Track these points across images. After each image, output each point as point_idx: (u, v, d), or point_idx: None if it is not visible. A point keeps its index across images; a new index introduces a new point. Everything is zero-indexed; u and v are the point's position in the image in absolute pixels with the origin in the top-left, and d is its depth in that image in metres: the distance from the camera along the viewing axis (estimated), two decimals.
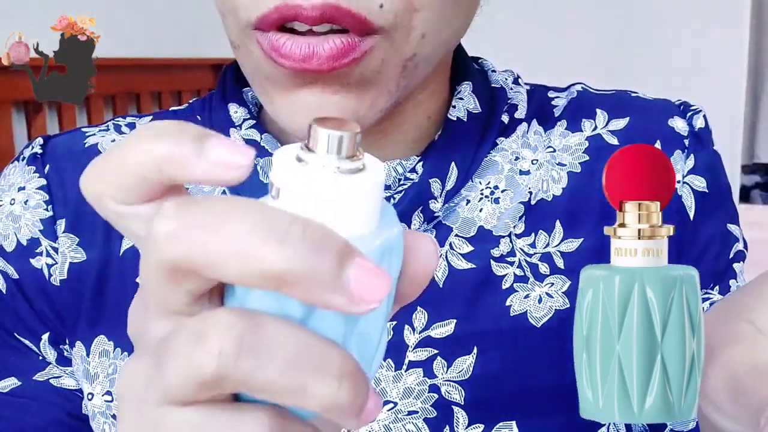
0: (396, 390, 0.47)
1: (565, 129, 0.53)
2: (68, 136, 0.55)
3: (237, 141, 0.49)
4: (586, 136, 0.52)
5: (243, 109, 0.51)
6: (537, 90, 0.55)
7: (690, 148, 0.51)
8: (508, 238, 0.49)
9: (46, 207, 0.51)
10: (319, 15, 0.40)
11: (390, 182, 0.49)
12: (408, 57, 0.43)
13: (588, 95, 0.55)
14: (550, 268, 0.49)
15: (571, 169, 0.51)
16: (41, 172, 0.52)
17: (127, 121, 0.55)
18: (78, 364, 0.50)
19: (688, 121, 0.52)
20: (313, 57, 0.41)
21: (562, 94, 0.55)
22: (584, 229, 0.50)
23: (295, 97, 0.43)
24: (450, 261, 0.49)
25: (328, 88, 0.42)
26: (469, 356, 0.47)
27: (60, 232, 0.51)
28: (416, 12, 0.42)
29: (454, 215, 0.50)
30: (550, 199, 0.50)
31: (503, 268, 0.49)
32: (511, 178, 0.51)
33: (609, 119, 0.52)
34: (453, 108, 0.50)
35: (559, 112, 0.54)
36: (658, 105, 0.54)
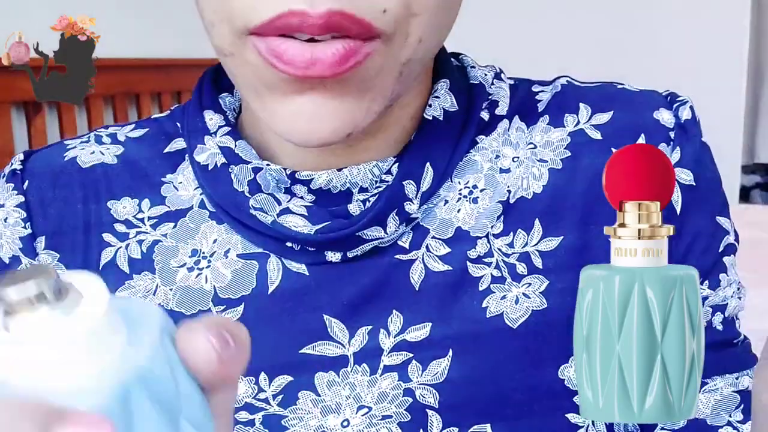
0: (371, 395, 0.47)
1: (547, 124, 0.52)
2: (49, 150, 0.54)
3: (212, 149, 0.49)
4: (568, 132, 0.51)
5: (219, 116, 0.50)
6: (521, 85, 0.54)
7: (676, 140, 0.50)
8: (486, 238, 0.49)
9: (24, 225, 0.51)
10: (324, 23, 0.39)
11: (367, 185, 0.48)
12: (404, 62, 0.43)
13: (572, 89, 0.54)
14: (528, 268, 0.48)
15: (552, 165, 0.50)
16: (20, 189, 0.52)
17: (108, 131, 0.55)
18: None
19: (674, 113, 0.51)
20: (317, 63, 0.40)
21: (547, 87, 0.54)
22: (564, 228, 0.49)
23: (293, 103, 0.42)
24: (426, 263, 0.48)
25: (328, 93, 0.42)
26: (444, 359, 0.47)
27: (40, 249, 0.51)
28: (414, 17, 0.42)
29: (432, 216, 0.49)
30: (530, 197, 0.50)
31: (480, 270, 0.48)
32: (491, 177, 0.50)
33: (592, 113, 0.52)
34: (429, 107, 0.50)
35: (542, 107, 0.53)
36: (644, 97, 0.53)
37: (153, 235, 0.50)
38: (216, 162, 0.49)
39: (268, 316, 0.48)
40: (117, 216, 0.51)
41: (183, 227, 0.50)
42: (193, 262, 0.49)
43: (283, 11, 0.39)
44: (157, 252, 0.50)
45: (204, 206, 0.50)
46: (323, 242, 0.47)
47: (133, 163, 0.52)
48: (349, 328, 0.48)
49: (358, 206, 0.48)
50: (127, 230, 0.50)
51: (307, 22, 0.39)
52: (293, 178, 0.48)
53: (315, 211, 0.47)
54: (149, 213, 0.51)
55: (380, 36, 0.41)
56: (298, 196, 0.48)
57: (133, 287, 0.49)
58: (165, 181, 0.52)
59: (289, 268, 0.48)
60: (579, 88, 0.54)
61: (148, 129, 0.54)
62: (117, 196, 0.51)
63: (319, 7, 0.39)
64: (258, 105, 0.44)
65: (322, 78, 0.41)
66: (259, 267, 0.49)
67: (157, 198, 0.51)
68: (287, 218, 0.47)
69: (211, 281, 0.49)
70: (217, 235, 0.50)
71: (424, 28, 0.42)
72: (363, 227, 0.47)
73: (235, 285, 0.49)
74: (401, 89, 0.45)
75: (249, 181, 0.48)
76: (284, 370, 0.47)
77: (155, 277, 0.49)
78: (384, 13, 0.40)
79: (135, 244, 0.50)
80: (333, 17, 0.39)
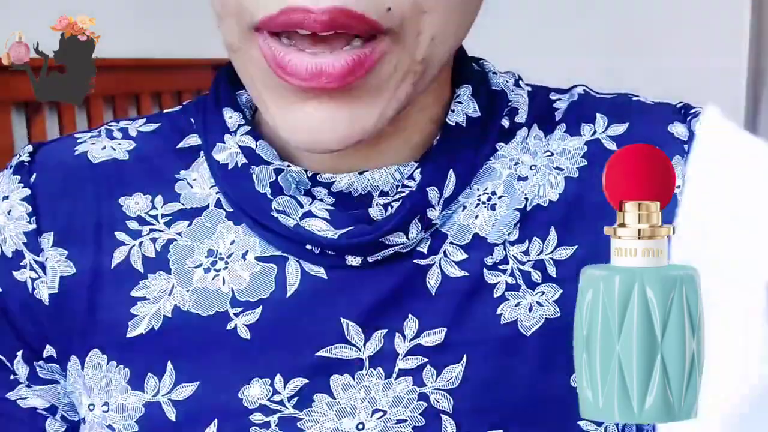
0: (386, 398, 0.47)
1: (564, 132, 0.52)
2: (59, 144, 0.53)
3: (232, 148, 0.49)
4: (585, 141, 0.51)
5: (238, 114, 0.50)
6: (538, 92, 0.54)
7: (689, 152, 0.50)
8: (502, 246, 0.49)
9: (30, 219, 0.50)
10: (327, 20, 0.39)
11: (388, 189, 0.48)
12: (418, 61, 0.42)
13: (589, 98, 0.54)
14: (542, 276, 0.48)
15: (569, 174, 0.50)
16: (26, 182, 0.51)
17: (120, 125, 0.54)
18: (74, 378, 0.50)
19: (687, 125, 0.51)
20: (322, 74, 0.40)
21: (564, 96, 0.54)
22: (579, 237, 0.49)
23: (297, 111, 0.42)
24: (443, 269, 0.48)
25: (334, 102, 0.41)
26: (458, 365, 0.47)
27: (48, 246, 0.50)
28: (424, 14, 0.41)
29: (450, 222, 0.49)
30: (546, 205, 0.50)
31: (495, 276, 0.48)
32: (509, 184, 0.50)
33: (608, 124, 0.52)
34: (452, 112, 0.49)
35: (560, 115, 0.53)
36: (659, 110, 0.53)
37: (167, 233, 0.50)
38: (237, 162, 0.49)
39: (285, 319, 0.48)
40: (129, 213, 0.50)
41: (199, 226, 0.50)
42: (209, 263, 0.49)
43: (286, 7, 0.39)
44: (173, 251, 0.49)
45: (221, 206, 0.50)
46: (345, 247, 0.47)
47: (145, 158, 0.52)
48: (365, 331, 0.48)
49: (379, 210, 0.47)
50: (140, 227, 0.50)
51: (310, 18, 0.39)
52: (314, 181, 0.48)
53: (337, 215, 0.47)
54: (162, 210, 0.50)
55: (388, 33, 0.40)
56: (318, 199, 0.48)
57: (148, 287, 0.49)
58: (179, 177, 0.51)
59: (307, 272, 0.48)
60: (596, 98, 0.54)
61: (160, 123, 0.54)
62: (129, 193, 0.51)
63: (321, 4, 0.39)
64: (262, 107, 0.44)
65: (328, 89, 0.40)
66: (277, 270, 0.48)
67: (170, 194, 0.50)
68: (310, 222, 0.47)
69: (229, 283, 0.48)
70: (234, 236, 0.49)
71: (438, 26, 0.42)
72: (387, 233, 0.47)
73: (254, 288, 0.48)
74: (418, 90, 0.44)
75: (271, 183, 0.48)
76: (300, 372, 0.47)
77: (171, 277, 0.49)
78: (389, 11, 0.40)
79: (148, 242, 0.50)
80: (336, 14, 0.39)
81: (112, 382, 0.49)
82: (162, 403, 0.48)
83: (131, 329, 0.49)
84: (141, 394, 0.48)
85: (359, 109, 0.42)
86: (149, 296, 0.49)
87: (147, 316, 0.49)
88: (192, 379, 0.48)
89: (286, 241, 0.48)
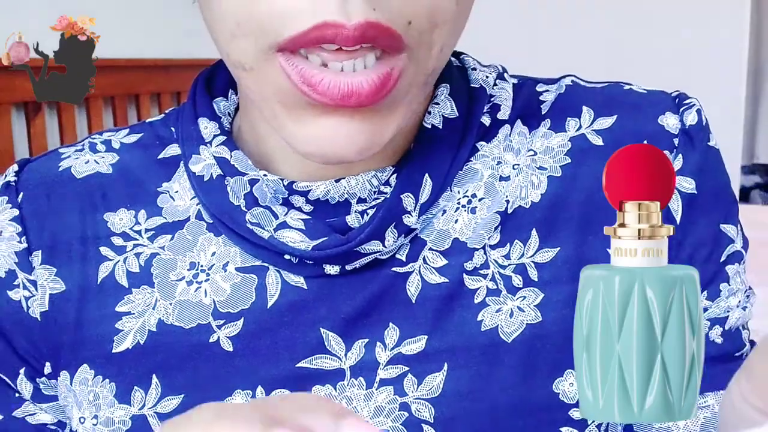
0: (367, 409, 0.47)
1: (548, 129, 0.51)
2: (43, 161, 0.53)
3: (207, 160, 0.48)
4: (570, 137, 0.50)
5: (213, 124, 0.50)
6: (525, 85, 0.53)
7: (679, 148, 0.49)
8: (482, 250, 0.48)
9: (20, 239, 0.50)
10: (360, 35, 0.38)
11: (365, 195, 0.48)
12: (429, 73, 0.43)
13: (577, 89, 0.52)
14: (524, 280, 0.48)
15: (552, 173, 0.49)
16: (14, 202, 0.51)
17: (103, 138, 0.54)
18: (65, 393, 0.50)
19: (679, 118, 0.50)
20: (353, 95, 0.39)
21: (552, 87, 0.53)
22: (561, 238, 0.48)
23: (316, 126, 0.41)
24: (423, 275, 0.48)
25: (357, 115, 0.41)
26: (439, 373, 0.47)
27: (37, 264, 0.50)
28: (437, 27, 0.41)
29: (430, 228, 0.48)
30: (528, 206, 0.49)
31: (476, 282, 0.48)
32: (491, 185, 0.49)
33: (595, 117, 0.50)
34: (428, 114, 0.49)
35: (546, 108, 0.52)
36: (651, 100, 0.51)
37: (150, 247, 0.50)
38: (212, 173, 0.49)
39: (266, 329, 0.48)
40: (114, 229, 0.50)
41: (181, 239, 0.50)
42: (191, 275, 0.49)
43: (319, 22, 0.38)
44: (156, 265, 0.50)
45: (201, 217, 0.50)
46: (319, 258, 0.47)
47: (128, 171, 0.52)
48: (345, 341, 0.47)
49: (357, 218, 0.47)
50: (124, 243, 0.50)
51: (342, 34, 0.38)
52: (291, 189, 0.47)
53: (312, 225, 0.47)
54: (146, 225, 0.50)
55: (406, 50, 0.40)
56: (296, 207, 0.48)
57: (132, 301, 0.49)
58: (161, 190, 0.51)
59: (287, 282, 0.48)
60: (584, 89, 0.53)
61: (142, 134, 0.54)
62: (113, 208, 0.51)
63: (355, 19, 0.38)
64: (275, 123, 0.43)
65: (357, 108, 0.40)
66: (258, 281, 0.48)
67: (153, 208, 0.51)
68: (284, 233, 0.47)
69: (211, 295, 0.49)
70: (215, 248, 0.49)
71: (446, 38, 0.42)
72: (361, 242, 0.46)
73: (235, 299, 0.48)
74: (423, 97, 0.45)
75: (245, 194, 0.48)
76: (281, 383, 0.47)
77: (154, 290, 0.49)
78: (409, 24, 0.40)
79: (133, 258, 0.50)
80: (367, 28, 0.38)
81: (99, 396, 0.49)
82: (147, 416, 0.48)
83: (117, 344, 0.49)
84: (128, 407, 0.48)
85: (377, 123, 0.42)
86: (134, 311, 0.49)
87: (132, 330, 0.49)
88: (177, 392, 0.48)
89: (265, 252, 0.48)
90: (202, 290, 0.49)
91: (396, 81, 0.40)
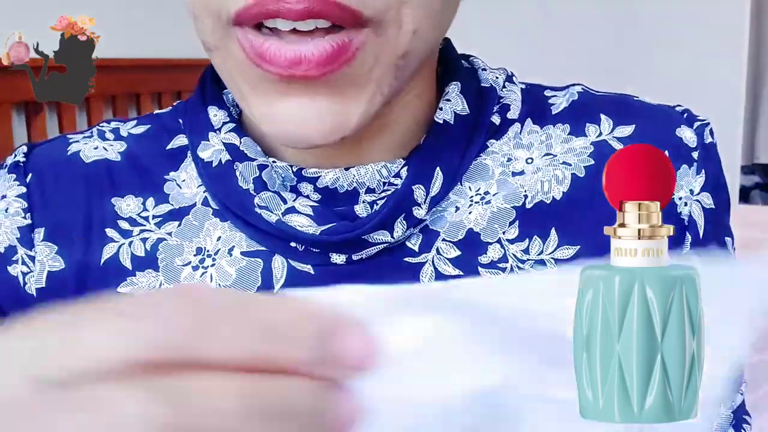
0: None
1: (568, 134, 0.51)
2: (52, 144, 0.54)
3: (216, 146, 0.49)
4: (591, 141, 0.51)
5: (223, 112, 0.50)
6: (533, 89, 0.54)
7: (700, 163, 0.50)
8: (498, 244, 0.48)
9: (24, 215, 0.50)
10: (304, 9, 0.38)
11: (374, 186, 0.48)
12: (400, 54, 0.42)
13: (590, 98, 0.53)
14: None
15: (575, 171, 0.50)
16: (22, 181, 0.52)
17: (111, 126, 0.55)
18: None
19: (697, 132, 0.51)
20: (302, 62, 0.39)
21: (560, 93, 0.54)
22: (581, 238, 0.49)
23: (279, 106, 0.41)
24: (437, 266, 0.48)
25: (316, 94, 0.41)
26: None
27: (39, 240, 0.50)
28: (404, 4, 0.40)
29: (442, 220, 0.48)
30: (549, 202, 0.49)
31: (493, 275, 0.48)
32: (504, 182, 0.49)
33: (614, 126, 0.51)
34: (440, 110, 0.49)
35: (557, 110, 0.52)
36: (663, 112, 0.52)
37: (157, 233, 0.50)
38: (221, 159, 0.49)
39: None
40: (121, 213, 0.50)
41: (187, 225, 0.50)
42: (198, 260, 0.49)
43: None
44: (162, 250, 0.50)
45: (207, 204, 0.50)
46: (328, 244, 0.47)
47: (136, 160, 0.52)
48: None
49: (365, 207, 0.47)
50: (131, 228, 0.50)
51: (285, 7, 0.38)
52: (300, 176, 0.47)
53: (321, 212, 0.47)
54: (154, 212, 0.50)
55: (368, 24, 0.40)
56: (304, 195, 0.48)
57: (135, 284, 0.49)
58: (168, 179, 0.51)
59: (294, 267, 0.48)
60: (597, 98, 0.53)
61: (150, 126, 0.54)
62: (121, 194, 0.51)
63: None
64: (243, 104, 0.43)
65: (308, 78, 0.40)
66: (264, 265, 0.48)
67: (161, 196, 0.51)
68: (292, 217, 0.47)
69: (217, 280, 0.48)
70: (221, 233, 0.49)
71: (419, 18, 0.41)
72: (369, 231, 0.46)
73: (240, 283, 0.48)
74: (398, 85, 0.44)
75: (254, 179, 0.48)
76: None
77: (159, 275, 0.49)
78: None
79: (139, 242, 0.50)
80: (313, 2, 0.38)
81: None
82: None
83: None
84: None
85: (341, 104, 0.41)
86: (136, 292, 0.49)
87: None
88: None
89: (271, 238, 0.48)
90: (208, 275, 0.49)
91: (355, 53, 0.40)
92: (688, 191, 0.49)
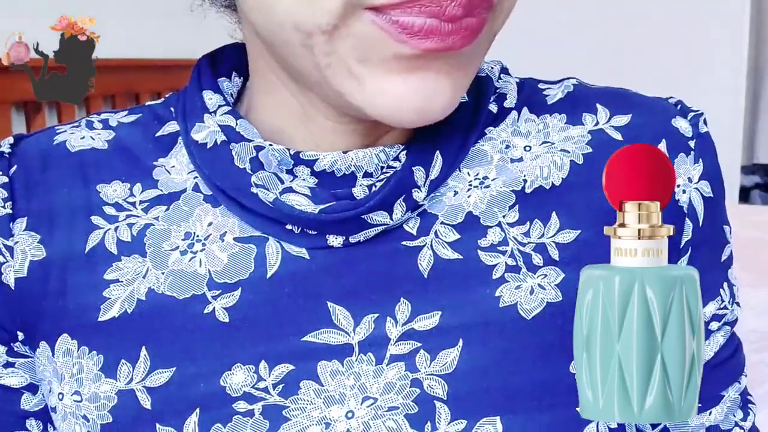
0: (376, 385, 0.46)
1: (565, 123, 0.51)
2: (39, 135, 0.53)
3: (212, 127, 0.48)
4: (588, 130, 0.51)
5: (218, 96, 0.49)
6: (527, 82, 0.54)
7: (697, 151, 0.50)
8: (498, 227, 0.48)
9: (4, 204, 0.50)
10: (467, 1, 0.39)
11: (372, 170, 0.47)
12: (492, 38, 0.43)
13: (585, 89, 0.54)
14: (544, 259, 0.48)
15: (574, 158, 0.50)
16: (5, 171, 0.51)
17: (101, 117, 0.54)
18: (45, 365, 0.49)
19: (691, 122, 0.51)
20: (462, 29, 0.40)
21: (554, 86, 0.54)
22: (582, 222, 0.49)
23: (409, 80, 0.41)
24: (435, 250, 0.48)
25: (445, 67, 0.41)
26: (454, 349, 0.46)
27: (20, 231, 0.49)
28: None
29: (441, 204, 0.48)
30: (549, 187, 0.49)
31: (494, 258, 0.47)
32: (502, 167, 0.49)
33: (611, 115, 0.51)
34: None
35: (552, 101, 0.52)
36: (658, 103, 0.53)
37: (144, 218, 0.49)
38: (216, 140, 0.48)
39: (267, 301, 0.47)
40: (106, 199, 0.50)
41: (176, 210, 0.49)
42: (186, 245, 0.48)
43: None
44: (149, 235, 0.49)
45: (198, 189, 0.49)
46: (326, 223, 0.46)
47: (124, 148, 0.51)
48: (354, 315, 0.47)
49: (362, 190, 0.47)
50: (116, 213, 0.49)
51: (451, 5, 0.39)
52: (297, 159, 0.47)
53: (318, 192, 0.46)
54: (141, 197, 0.50)
55: (492, 9, 0.41)
56: (301, 178, 0.47)
57: (121, 269, 0.48)
58: (157, 165, 0.51)
59: (288, 252, 0.47)
60: (592, 89, 0.54)
61: (140, 114, 0.53)
62: (107, 180, 0.50)
63: None
64: (354, 86, 0.42)
65: (452, 50, 0.40)
66: (257, 251, 0.48)
67: (149, 182, 0.50)
68: (290, 197, 0.46)
69: (206, 265, 0.48)
70: (212, 218, 0.49)
71: (512, 4, 0.43)
72: (368, 210, 0.46)
73: (232, 269, 0.48)
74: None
75: (251, 159, 0.47)
76: (285, 358, 0.46)
77: (146, 260, 0.48)
78: None
79: (125, 227, 0.49)
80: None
81: (84, 369, 0.48)
82: (136, 390, 0.47)
83: (103, 313, 0.48)
84: (114, 382, 0.47)
85: (459, 79, 0.42)
86: (122, 279, 0.48)
87: (119, 299, 0.48)
88: (167, 365, 0.47)
89: (265, 221, 0.47)
90: (197, 260, 0.48)
91: (481, 28, 0.41)
92: (687, 179, 0.50)
